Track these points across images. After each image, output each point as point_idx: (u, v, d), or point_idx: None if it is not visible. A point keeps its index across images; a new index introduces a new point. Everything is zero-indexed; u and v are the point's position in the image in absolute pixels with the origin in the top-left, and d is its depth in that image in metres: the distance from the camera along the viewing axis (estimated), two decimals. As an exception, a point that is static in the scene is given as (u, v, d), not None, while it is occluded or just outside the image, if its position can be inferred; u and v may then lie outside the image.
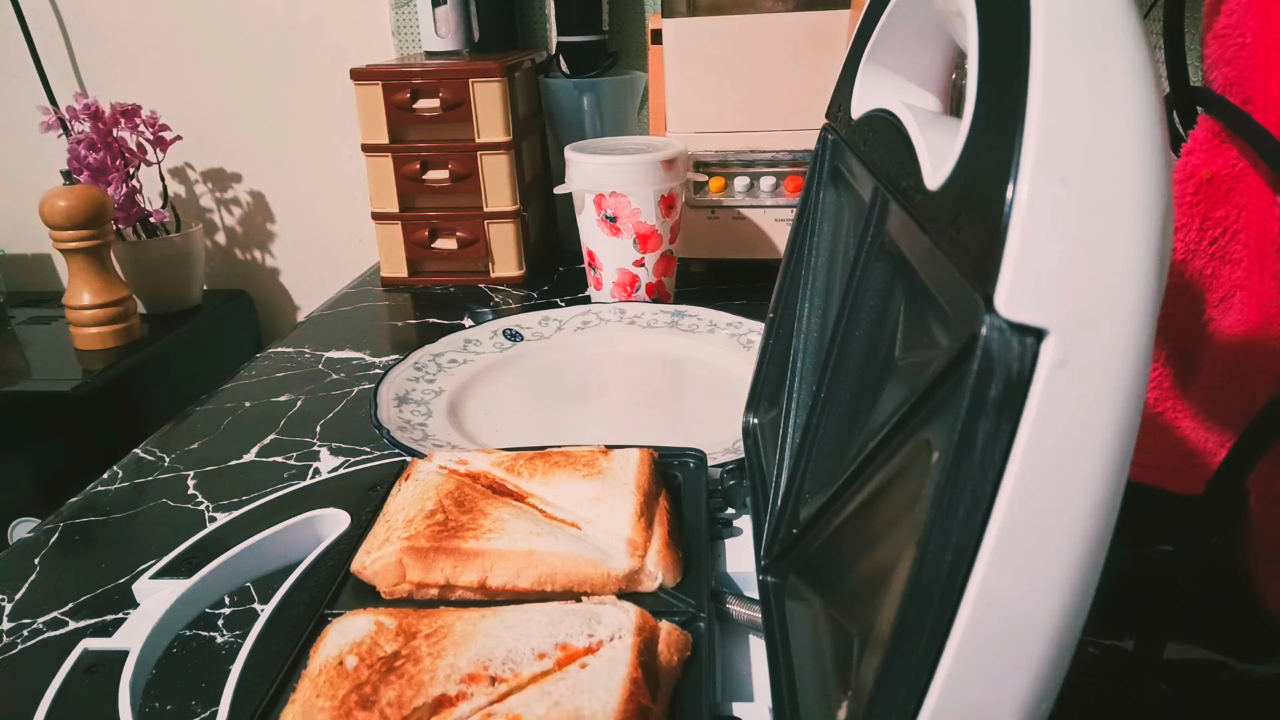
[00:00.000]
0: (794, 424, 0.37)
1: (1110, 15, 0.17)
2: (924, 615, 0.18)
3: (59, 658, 0.32)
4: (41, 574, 0.47)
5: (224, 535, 0.39)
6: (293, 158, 1.23)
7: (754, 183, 0.84)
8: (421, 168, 0.89)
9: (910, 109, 0.27)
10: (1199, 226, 0.40)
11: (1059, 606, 0.17)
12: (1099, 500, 0.17)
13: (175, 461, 0.58)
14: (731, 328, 0.72)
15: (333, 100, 1.19)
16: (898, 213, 0.26)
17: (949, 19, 0.29)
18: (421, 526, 0.36)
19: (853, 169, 0.34)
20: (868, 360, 0.30)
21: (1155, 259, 0.16)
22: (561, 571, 0.35)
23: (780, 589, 0.34)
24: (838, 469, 0.29)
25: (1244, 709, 0.36)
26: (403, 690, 0.28)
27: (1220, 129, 0.39)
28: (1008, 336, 0.17)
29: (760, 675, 0.34)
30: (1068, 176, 0.16)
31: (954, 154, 0.21)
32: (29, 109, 1.19)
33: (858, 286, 0.30)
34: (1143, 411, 0.17)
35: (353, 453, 0.58)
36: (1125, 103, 0.17)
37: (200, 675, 0.39)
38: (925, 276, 0.23)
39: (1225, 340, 0.41)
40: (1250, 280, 0.40)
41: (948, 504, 0.17)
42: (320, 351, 0.76)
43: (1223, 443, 0.42)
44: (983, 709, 0.18)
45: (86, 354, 1.02)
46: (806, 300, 0.39)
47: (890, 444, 0.25)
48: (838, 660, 0.27)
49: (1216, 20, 0.38)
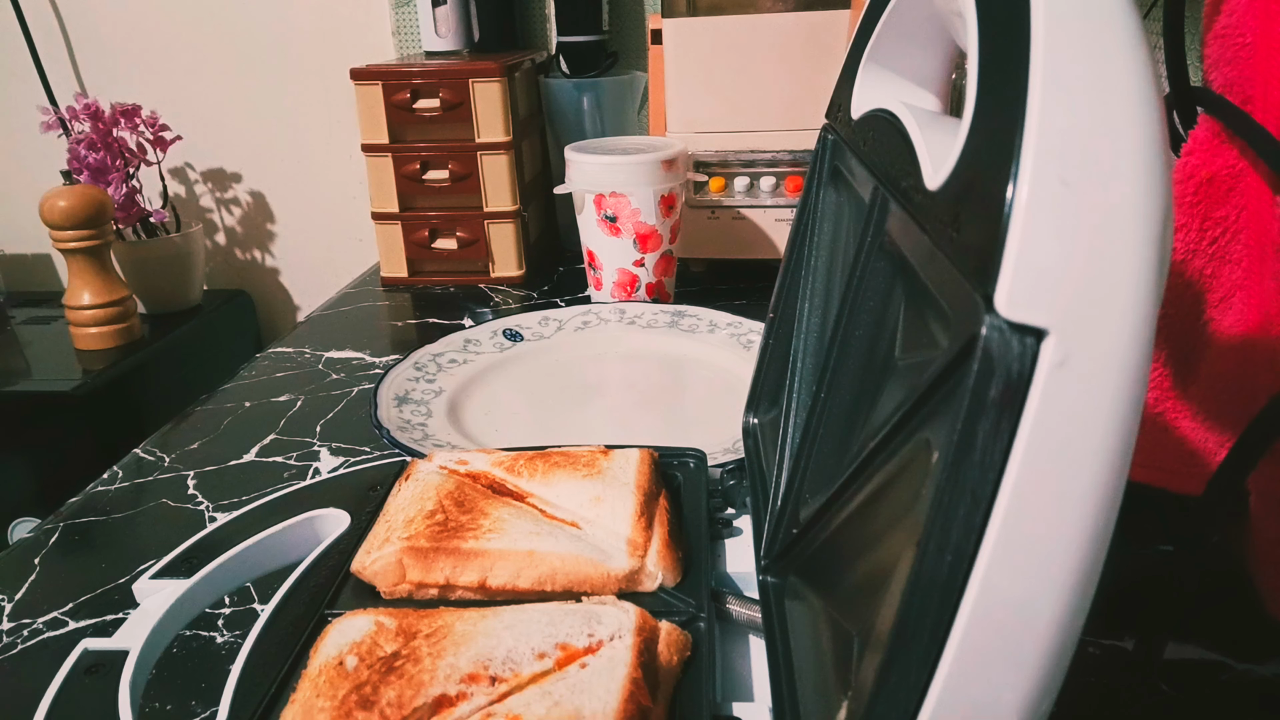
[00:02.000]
0: (794, 424, 0.37)
1: (1110, 15, 0.17)
2: (924, 615, 0.18)
3: (59, 658, 0.32)
4: (41, 574, 0.47)
5: (224, 535, 0.39)
6: (293, 158, 1.23)
7: (754, 183, 0.84)
8: (421, 168, 0.89)
9: (910, 109, 0.27)
10: (1199, 226, 0.40)
11: (1059, 606, 0.17)
12: (1099, 500, 0.17)
13: (175, 461, 0.58)
14: (731, 328, 0.72)
15: (332, 100, 1.19)
16: (898, 213, 0.26)
17: (949, 19, 0.29)
18: (421, 527, 0.36)
19: (853, 169, 0.34)
20: (868, 360, 0.30)
21: (1155, 259, 0.16)
22: (561, 571, 0.35)
23: (780, 589, 0.34)
24: (838, 469, 0.29)
25: (1244, 709, 0.36)
26: (403, 690, 0.28)
27: (1220, 129, 0.39)
28: (1008, 337, 0.16)
29: (760, 675, 0.34)
30: (1068, 176, 0.16)
31: (954, 154, 0.21)
32: (29, 109, 1.19)
33: (858, 287, 0.30)
34: (1143, 411, 0.17)
35: (353, 453, 0.58)
36: (1125, 103, 0.17)
37: (200, 675, 0.39)
38: (925, 276, 0.23)
39: (1225, 340, 0.41)
40: (1250, 280, 0.40)
41: (948, 504, 0.17)
42: (320, 351, 0.76)
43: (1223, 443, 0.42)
44: (983, 709, 0.18)
45: (86, 354, 1.02)
46: (806, 300, 0.39)
47: (890, 444, 0.25)
48: (838, 660, 0.27)
49: (1216, 20, 0.38)
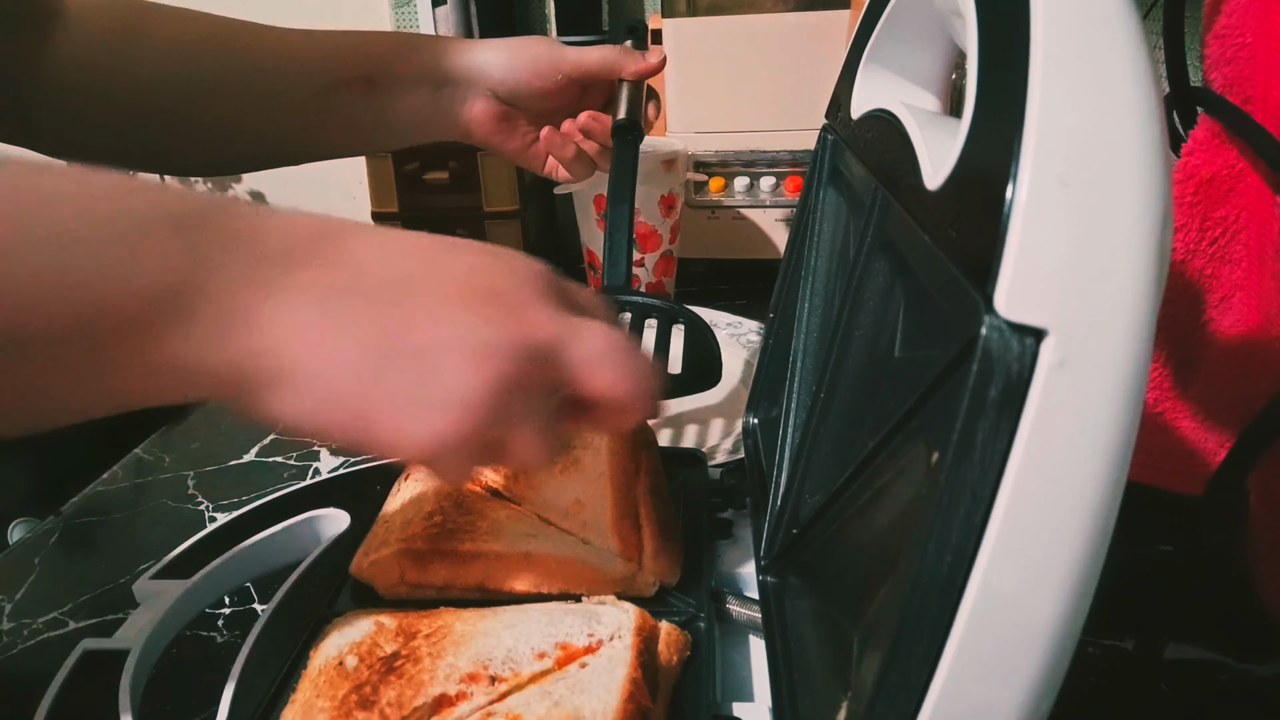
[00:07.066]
0: (794, 424, 0.37)
1: (1110, 15, 0.17)
2: (924, 615, 0.18)
3: (59, 658, 0.32)
4: (41, 574, 0.47)
5: (224, 535, 0.39)
6: (293, 158, 1.23)
7: (754, 183, 0.84)
8: (421, 168, 0.89)
9: (910, 109, 0.27)
10: (1199, 226, 0.40)
11: (1059, 606, 0.17)
12: (1099, 500, 0.17)
13: (175, 461, 0.58)
14: (731, 328, 0.72)
15: (333, 100, 1.19)
16: (898, 213, 0.26)
17: (949, 19, 0.29)
18: (420, 528, 0.36)
19: (853, 169, 0.34)
20: (868, 360, 0.30)
21: (1155, 259, 0.16)
22: (558, 574, 0.35)
23: (780, 589, 0.34)
24: (838, 469, 0.29)
25: (1244, 709, 0.36)
26: (403, 690, 0.28)
27: (1220, 129, 0.39)
28: (1007, 337, 0.16)
29: (760, 675, 0.34)
30: (1067, 177, 0.16)
31: (954, 154, 0.21)
32: (29, 109, 1.18)
33: (858, 287, 0.30)
34: (1143, 411, 0.17)
35: (353, 453, 0.58)
36: (1125, 103, 0.17)
37: (200, 675, 0.38)
38: (925, 277, 0.23)
39: (1225, 340, 0.41)
40: (1250, 280, 0.40)
41: (948, 504, 0.17)
42: (320, 351, 0.76)
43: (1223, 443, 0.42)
44: (983, 709, 0.18)
45: (86, 354, 1.02)
46: (806, 300, 0.39)
47: (890, 444, 0.25)
48: (838, 660, 0.27)
49: (1216, 20, 0.38)
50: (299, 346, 0.24)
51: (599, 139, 0.51)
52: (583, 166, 0.53)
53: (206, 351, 0.24)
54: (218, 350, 0.24)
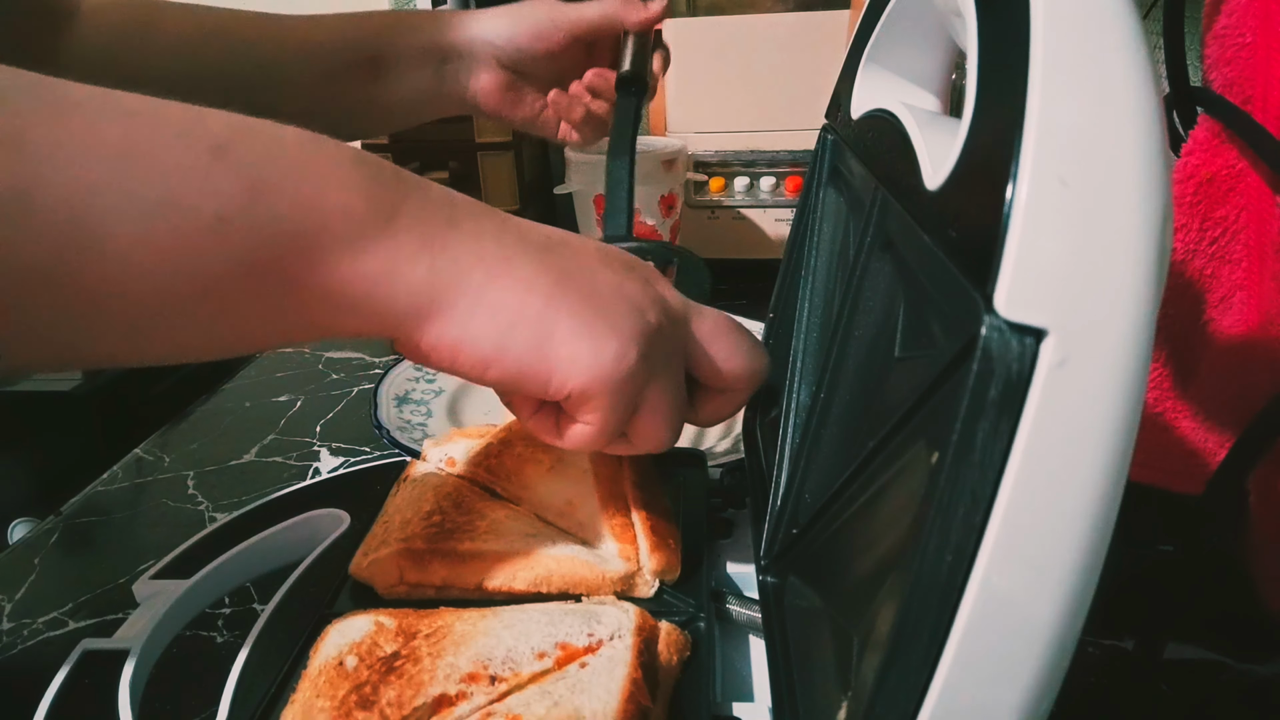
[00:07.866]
0: (794, 424, 0.37)
1: (1110, 15, 0.17)
2: (924, 615, 0.18)
3: (59, 658, 0.32)
4: (41, 574, 0.47)
5: (224, 535, 0.39)
6: (293, 158, 1.23)
7: (754, 183, 0.84)
8: (422, 167, 0.89)
9: (910, 109, 0.27)
10: (1199, 226, 0.40)
11: (1059, 606, 0.17)
12: (1099, 500, 0.17)
13: (175, 461, 0.58)
14: (731, 328, 0.72)
15: (333, 100, 1.19)
16: (897, 213, 0.26)
17: (949, 19, 0.29)
18: (419, 528, 0.36)
19: (852, 169, 0.34)
20: (867, 360, 0.30)
21: (1155, 259, 0.16)
22: (558, 574, 0.35)
23: (780, 589, 0.34)
24: (838, 469, 0.29)
25: (1244, 709, 0.36)
26: (402, 690, 0.28)
27: (1220, 129, 0.39)
28: (1007, 337, 0.16)
29: (760, 675, 0.34)
30: (1067, 176, 0.16)
31: (954, 154, 0.21)
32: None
33: (857, 287, 0.30)
34: (1143, 411, 0.17)
35: (353, 453, 0.58)
36: (1124, 103, 0.17)
37: (200, 675, 0.38)
38: (925, 276, 0.23)
39: (1225, 340, 0.41)
40: (1250, 280, 0.40)
41: (948, 504, 0.17)
42: (320, 351, 0.76)
43: (1223, 443, 0.42)
44: (983, 709, 0.18)
45: (87, 354, 1.02)
46: (806, 300, 0.39)
47: (890, 444, 0.25)
48: (838, 660, 0.27)
49: (1216, 20, 0.38)
50: (490, 267, 0.26)
51: (606, 97, 0.51)
52: (592, 128, 0.53)
53: (407, 269, 0.25)
54: (415, 268, 0.25)
